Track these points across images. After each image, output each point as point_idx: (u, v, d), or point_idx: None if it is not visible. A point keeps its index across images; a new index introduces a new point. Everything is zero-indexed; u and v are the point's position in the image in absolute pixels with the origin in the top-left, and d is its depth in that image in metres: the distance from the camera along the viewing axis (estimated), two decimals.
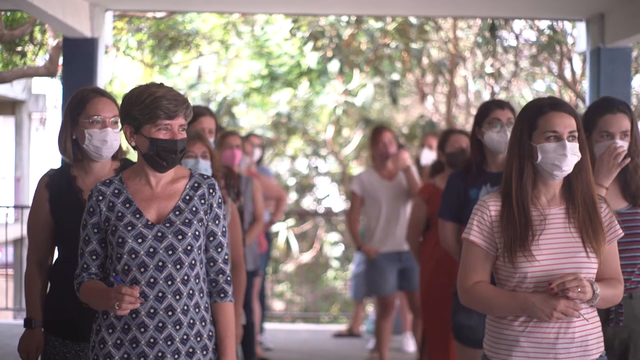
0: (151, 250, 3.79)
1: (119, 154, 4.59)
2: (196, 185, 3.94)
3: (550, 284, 3.60)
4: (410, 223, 7.57)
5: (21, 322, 4.56)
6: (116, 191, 3.91)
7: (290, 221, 17.85)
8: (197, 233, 3.86)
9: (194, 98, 17.04)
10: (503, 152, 5.51)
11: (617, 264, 3.85)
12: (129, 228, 3.82)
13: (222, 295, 3.95)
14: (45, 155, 22.04)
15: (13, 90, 19.99)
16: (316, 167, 20.37)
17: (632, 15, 8.64)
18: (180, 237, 3.82)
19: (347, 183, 18.54)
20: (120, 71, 17.74)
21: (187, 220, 3.85)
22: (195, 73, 18.82)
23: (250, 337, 7.60)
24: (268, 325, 11.21)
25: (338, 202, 20.35)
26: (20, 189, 21.65)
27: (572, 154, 3.71)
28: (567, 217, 3.76)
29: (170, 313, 3.79)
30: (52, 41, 10.88)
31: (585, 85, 12.66)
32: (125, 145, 4.40)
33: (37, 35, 11.79)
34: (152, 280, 3.78)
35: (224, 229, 3.97)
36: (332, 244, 19.11)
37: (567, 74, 15.16)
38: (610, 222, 3.82)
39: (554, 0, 9.39)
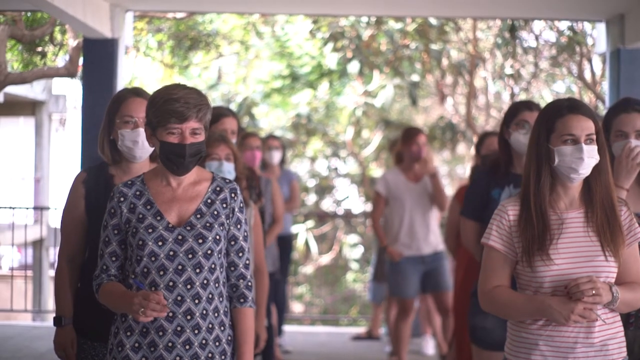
0: (171, 253, 3.77)
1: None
2: (218, 189, 3.92)
3: (565, 287, 3.59)
4: (447, 225, 7.61)
5: (40, 324, 4.55)
6: (138, 193, 3.89)
7: (310, 223, 17.84)
8: (217, 237, 3.84)
9: (214, 99, 17.08)
10: None
11: (637, 268, 3.80)
12: (150, 230, 3.80)
13: (242, 300, 3.92)
14: (65, 156, 22.08)
15: (33, 90, 20.04)
16: (336, 169, 20.35)
17: None
18: (200, 240, 3.80)
19: (366, 185, 18.53)
20: (140, 72, 17.79)
21: (208, 224, 3.83)
22: (216, 74, 18.86)
23: (269, 340, 7.59)
24: (287, 328, 11.21)
25: (357, 204, 20.33)
26: (40, 190, 21.69)
27: (589, 157, 3.68)
28: (586, 220, 3.73)
29: (189, 317, 3.76)
30: (72, 42, 10.90)
31: (605, 87, 12.61)
32: None
33: (57, 36, 11.82)
34: (171, 283, 3.76)
35: (245, 234, 3.94)
36: (352, 246, 19.09)
37: (587, 75, 15.12)
38: (630, 225, 3.78)
39: (573, 1, 9.36)
